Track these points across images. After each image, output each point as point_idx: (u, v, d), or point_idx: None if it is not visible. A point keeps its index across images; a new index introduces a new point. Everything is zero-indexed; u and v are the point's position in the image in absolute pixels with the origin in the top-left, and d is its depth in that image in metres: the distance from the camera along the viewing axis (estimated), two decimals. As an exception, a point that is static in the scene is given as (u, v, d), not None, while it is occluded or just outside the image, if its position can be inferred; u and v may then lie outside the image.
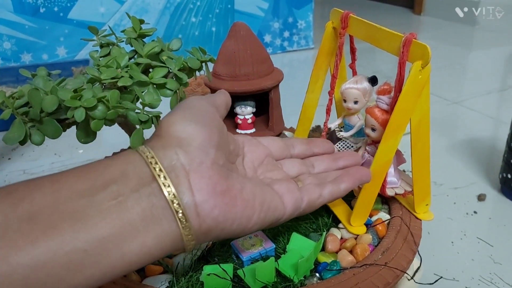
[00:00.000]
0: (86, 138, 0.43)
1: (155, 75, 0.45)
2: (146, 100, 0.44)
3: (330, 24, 0.53)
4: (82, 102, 0.39)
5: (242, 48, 0.57)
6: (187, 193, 0.30)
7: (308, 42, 1.78)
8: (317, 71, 0.56)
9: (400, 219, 0.48)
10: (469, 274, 0.61)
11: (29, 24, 1.34)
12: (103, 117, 0.40)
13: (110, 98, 0.40)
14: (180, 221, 0.29)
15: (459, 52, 1.74)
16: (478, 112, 1.16)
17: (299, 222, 0.50)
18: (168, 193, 0.29)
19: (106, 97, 0.40)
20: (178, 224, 0.29)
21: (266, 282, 0.40)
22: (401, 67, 0.42)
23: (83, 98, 0.40)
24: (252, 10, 1.64)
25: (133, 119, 0.43)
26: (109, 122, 0.42)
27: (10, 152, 1.00)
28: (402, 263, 0.42)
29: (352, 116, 0.54)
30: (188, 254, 0.45)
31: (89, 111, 0.40)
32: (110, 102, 0.40)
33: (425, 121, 0.44)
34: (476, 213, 0.74)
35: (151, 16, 1.49)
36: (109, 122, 0.42)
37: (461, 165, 0.90)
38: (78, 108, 0.39)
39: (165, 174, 0.30)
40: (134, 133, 0.44)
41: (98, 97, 0.40)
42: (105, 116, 0.40)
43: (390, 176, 0.48)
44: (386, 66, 1.01)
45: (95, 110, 0.40)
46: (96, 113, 0.40)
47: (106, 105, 0.40)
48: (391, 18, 2.34)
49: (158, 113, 0.45)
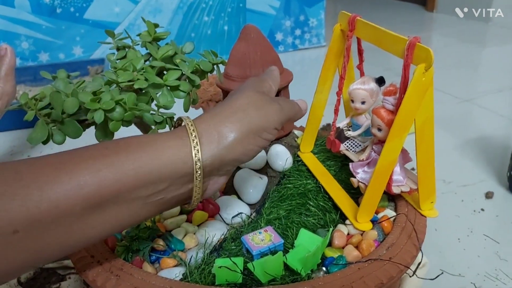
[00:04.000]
0: (104, 138, 0.45)
1: (169, 77, 0.48)
2: (161, 102, 0.46)
3: (338, 26, 0.54)
4: (101, 104, 0.42)
5: (253, 50, 0.58)
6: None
7: (319, 40, 1.79)
8: (326, 72, 0.57)
9: (405, 216, 0.50)
10: (475, 270, 0.62)
11: (46, 25, 1.37)
12: (121, 118, 0.43)
13: (127, 101, 0.43)
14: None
15: (472, 49, 1.73)
16: (489, 110, 1.16)
17: (308, 218, 0.52)
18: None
19: (123, 100, 0.43)
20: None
21: (274, 275, 0.41)
22: (406, 70, 0.43)
23: (102, 100, 0.42)
24: (263, 9, 1.66)
25: (149, 120, 0.45)
26: (126, 123, 0.44)
27: (29, 150, 1.03)
28: (406, 258, 0.44)
29: (359, 116, 0.55)
30: (201, 248, 0.47)
31: (108, 113, 0.42)
32: (127, 104, 0.43)
33: (429, 121, 0.45)
34: (483, 211, 0.75)
35: (164, 15, 1.51)
36: (126, 123, 0.44)
37: (470, 163, 0.90)
38: (98, 111, 0.42)
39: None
40: (150, 133, 0.46)
41: (116, 99, 0.42)
42: (123, 118, 0.43)
43: (396, 174, 0.50)
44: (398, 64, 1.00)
45: (113, 112, 0.42)
46: (114, 115, 0.42)
47: (123, 107, 0.43)
48: (403, 15, 2.33)
49: (172, 114, 0.47)
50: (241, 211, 0.53)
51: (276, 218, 0.52)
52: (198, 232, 0.50)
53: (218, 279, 0.41)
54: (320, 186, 0.56)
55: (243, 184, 0.57)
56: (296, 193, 0.56)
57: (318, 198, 0.55)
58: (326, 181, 0.56)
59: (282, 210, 0.53)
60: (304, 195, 0.55)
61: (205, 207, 0.54)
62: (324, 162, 0.61)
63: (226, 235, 0.49)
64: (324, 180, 0.56)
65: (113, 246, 0.47)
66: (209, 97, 0.86)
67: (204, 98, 0.86)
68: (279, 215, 0.52)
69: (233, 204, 0.54)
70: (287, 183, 0.57)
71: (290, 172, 0.59)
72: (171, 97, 0.47)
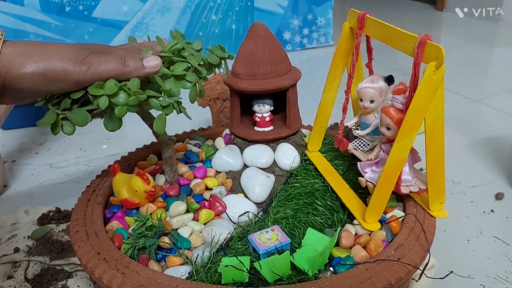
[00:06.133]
0: (112, 125, 0.46)
1: (176, 68, 0.48)
2: (167, 87, 0.46)
3: (347, 24, 0.54)
4: (104, 90, 0.43)
5: (261, 48, 0.58)
6: None
7: (327, 39, 1.78)
8: (334, 71, 0.57)
9: (414, 216, 0.49)
10: (484, 272, 0.61)
11: (55, 23, 1.38)
12: (125, 103, 0.44)
13: (131, 86, 0.44)
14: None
15: (481, 49, 1.71)
16: (499, 110, 1.14)
17: (315, 217, 0.51)
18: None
19: (127, 85, 0.44)
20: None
21: (281, 275, 0.41)
22: (416, 68, 0.43)
23: (106, 86, 0.43)
24: (271, 8, 1.65)
25: (155, 105, 0.46)
26: (132, 108, 0.45)
27: (38, 147, 1.03)
28: (415, 259, 0.43)
29: (368, 115, 0.55)
30: (207, 247, 0.47)
31: (112, 98, 0.43)
32: (131, 89, 0.43)
33: (439, 120, 0.45)
34: (493, 212, 0.74)
35: (172, 14, 1.51)
36: (132, 108, 0.45)
37: (480, 163, 0.89)
38: (102, 96, 0.43)
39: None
40: (157, 118, 0.47)
41: (119, 85, 0.43)
42: (127, 103, 0.44)
43: (405, 174, 0.49)
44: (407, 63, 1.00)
45: (117, 97, 0.43)
46: (119, 99, 0.43)
47: (127, 92, 0.44)
48: (413, 15, 2.32)
49: (179, 98, 0.47)
50: (248, 210, 0.53)
51: (283, 217, 0.51)
52: (204, 231, 0.50)
53: (224, 278, 0.41)
54: (327, 186, 0.56)
55: (250, 183, 0.56)
56: (304, 192, 0.55)
57: (325, 198, 0.54)
58: (334, 181, 0.56)
59: (289, 209, 0.52)
60: (312, 194, 0.55)
61: (212, 205, 0.54)
62: (332, 161, 0.60)
63: (233, 234, 0.49)
64: (332, 180, 0.56)
65: (120, 244, 0.47)
66: (216, 95, 0.86)
67: (212, 96, 0.86)
68: (286, 214, 0.52)
69: (240, 202, 0.54)
70: (294, 182, 0.57)
71: (298, 171, 0.59)
72: (177, 87, 0.47)
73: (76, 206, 0.54)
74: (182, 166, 0.60)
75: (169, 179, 0.57)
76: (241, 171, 0.59)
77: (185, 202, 0.53)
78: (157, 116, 0.47)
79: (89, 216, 0.51)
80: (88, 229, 0.49)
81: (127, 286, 0.40)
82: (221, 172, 0.60)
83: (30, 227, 0.70)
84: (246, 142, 0.62)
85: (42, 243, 0.65)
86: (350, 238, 0.46)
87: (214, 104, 0.88)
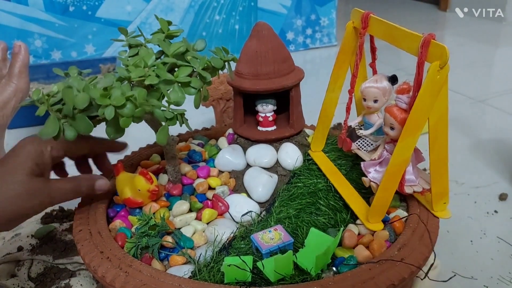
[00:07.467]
0: (115, 134, 0.45)
1: (180, 73, 0.47)
2: (172, 98, 0.46)
3: (351, 24, 0.54)
4: (111, 100, 0.42)
5: (264, 48, 0.58)
6: None
7: (331, 39, 1.78)
8: (338, 70, 0.57)
9: (417, 216, 0.49)
10: (488, 273, 0.61)
11: (59, 23, 1.38)
12: (131, 115, 0.42)
13: (137, 96, 0.42)
14: None
15: (485, 49, 1.70)
16: (503, 111, 1.14)
17: (318, 217, 0.51)
18: None
19: (134, 96, 0.42)
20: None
21: (284, 274, 0.41)
22: (420, 67, 0.42)
23: (112, 96, 0.42)
24: (275, 8, 1.65)
25: (160, 116, 0.45)
26: (136, 119, 0.44)
27: (41, 146, 1.03)
28: (418, 259, 0.43)
29: (372, 115, 0.54)
30: (210, 246, 0.47)
31: (118, 109, 0.42)
32: (138, 100, 0.42)
33: (443, 120, 0.44)
34: (497, 213, 0.73)
35: (176, 14, 1.51)
36: (136, 119, 0.44)
37: (483, 164, 0.89)
38: (108, 106, 0.42)
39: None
40: (160, 130, 0.46)
41: (126, 95, 0.42)
42: (133, 114, 0.43)
43: (409, 174, 0.49)
44: (410, 63, 1.00)
45: (124, 108, 0.42)
46: (125, 111, 0.42)
47: (134, 103, 0.43)
48: (416, 15, 2.31)
49: (183, 110, 0.47)
50: (250, 210, 0.53)
51: (286, 217, 0.51)
52: (207, 230, 0.50)
53: (227, 277, 0.41)
54: (330, 185, 0.56)
55: (253, 182, 0.56)
56: (307, 192, 0.55)
57: (328, 197, 0.54)
58: (337, 180, 0.56)
59: (292, 209, 0.52)
60: (315, 194, 0.55)
61: (215, 205, 0.54)
62: (335, 161, 0.60)
63: (236, 233, 0.49)
64: (335, 179, 0.56)
65: (123, 243, 0.47)
66: (219, 96, 0.86)
67: (215, 96, 0.86)
68: (289, 214, 0.52)
69: (242, 202, 0.54)
70: (297, 182, 0.57)
71: (301, 171, 0.59)
72: (182, 93, 0.47)
73: (80, 205, 0.54)
74: (185, 165, 0.60)
75: (172, 179, 0.57)
76: (244, 170, 0.59)
77: (188, 202, 0.53)
78: (160, 128, 0.46)
79: (92, 215, 0.51)
80: (91, 228, 0.49)
81: (130, 285, 0.40)
82: (224, 172, 0.60)
83: (33, 226, 0.70)
84: (249, 142, 0.62)
85: (45, 242, 0.65)
86: (353, 238, 0.46)
87: (217, 104, 0.88)
